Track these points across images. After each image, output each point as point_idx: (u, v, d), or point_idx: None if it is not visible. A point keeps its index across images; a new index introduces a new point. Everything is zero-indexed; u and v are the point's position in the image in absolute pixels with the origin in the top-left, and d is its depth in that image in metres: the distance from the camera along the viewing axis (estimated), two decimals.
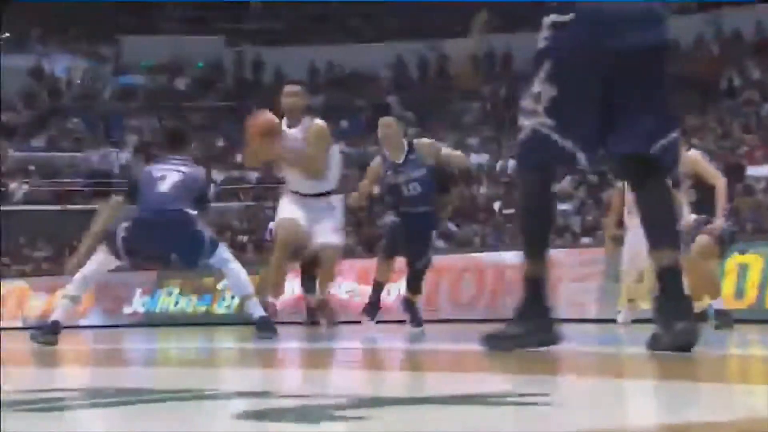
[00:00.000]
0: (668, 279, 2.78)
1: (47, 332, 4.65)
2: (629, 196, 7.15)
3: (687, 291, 2.95)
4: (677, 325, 2.65)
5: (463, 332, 6.61)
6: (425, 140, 6.30)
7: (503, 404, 1.48)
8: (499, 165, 15.24)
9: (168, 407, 1.56)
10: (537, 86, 2.73)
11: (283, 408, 1.50)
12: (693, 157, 5.68)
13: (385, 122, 6.05)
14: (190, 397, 1.74)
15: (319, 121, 5.50)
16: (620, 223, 7.09)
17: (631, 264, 7.11)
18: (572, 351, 3.17)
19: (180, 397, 1.73)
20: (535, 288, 2.87)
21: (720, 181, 5.68)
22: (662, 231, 2.86)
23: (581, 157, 2.80)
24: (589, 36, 2.68)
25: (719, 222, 5.58)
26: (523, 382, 2.10)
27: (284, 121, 5.38)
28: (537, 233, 2.94)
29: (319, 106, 18.63)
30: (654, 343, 2.70)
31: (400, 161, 5.89)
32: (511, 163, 13.57)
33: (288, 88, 5.58)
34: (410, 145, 5.96)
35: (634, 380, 2.18)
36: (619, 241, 7.26)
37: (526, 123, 2.79)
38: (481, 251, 10.49)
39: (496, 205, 13.67)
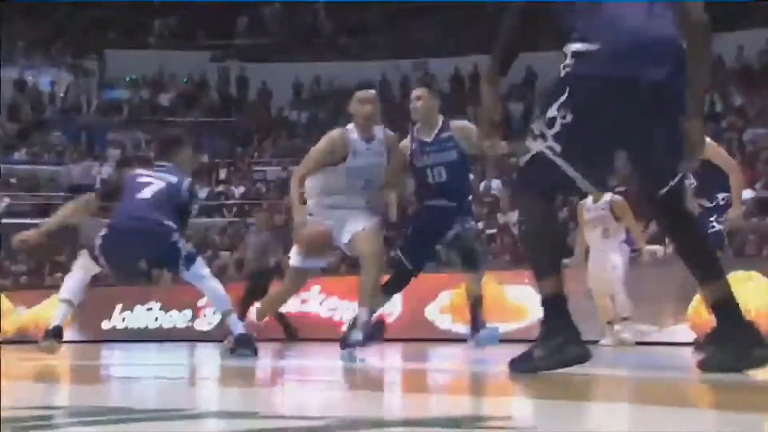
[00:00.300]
0: (726, 310, 2.76)
1: (49, 337, 4.65)
2: (586, 215, 7.21)
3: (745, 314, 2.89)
4: (754, 351, 2.67)
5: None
6: (465, 122, 5.18)
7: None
8: (482, 185, 15.23)
9: (147, 427, 1.54)
10: (552, 112, 2.70)
11: (263, 429, 1.49)
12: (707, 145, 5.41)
13: (416, 93, 5.03)
14: (170, 417, 1.71)
15: (392, 133, 4.98)
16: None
17: (597, 283, 7.09)
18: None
19: (159, 417, 1.71)
20: (557, 306, 2.78)
21: (736, 170, 5.45)
22: (701, 265, 2.82)
23: (583, 185, 2.80)
24: (614, 69, 2.65)
25: (737, 212, 5.36)
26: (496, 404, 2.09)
27: (355, 132, 4.79)
28: (548, 253, 2.87)
29: (304, 122, 18.77)
30: (724, 366, 2.70)
31: (430, 139, 4.91)
32: (495, 183, 13.59)
33: (362, 94, 4.88)
34: (445, 123, 4.96)
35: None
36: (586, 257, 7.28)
37: (532, 146, 2.78)
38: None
39: (480, 224, 13.65)
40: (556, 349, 2.71)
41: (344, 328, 5.31)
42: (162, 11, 20.33)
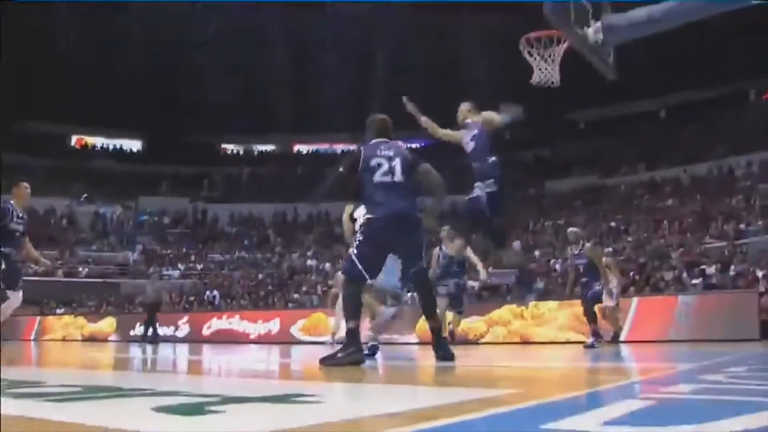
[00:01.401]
0: (436, 331, 5.71)
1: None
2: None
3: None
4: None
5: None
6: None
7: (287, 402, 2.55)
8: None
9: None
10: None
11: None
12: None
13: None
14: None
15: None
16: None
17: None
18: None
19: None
20: (355, 334, 5.31)
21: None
22: (426, 307, 5.84)
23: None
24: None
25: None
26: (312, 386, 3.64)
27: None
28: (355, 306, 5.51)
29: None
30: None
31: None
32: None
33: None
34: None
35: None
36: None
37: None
38: None
39: None
40: (348, 354, 5.18)
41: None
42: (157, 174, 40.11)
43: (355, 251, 5.57)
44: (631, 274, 18.76)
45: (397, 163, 5.64)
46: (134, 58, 37.39)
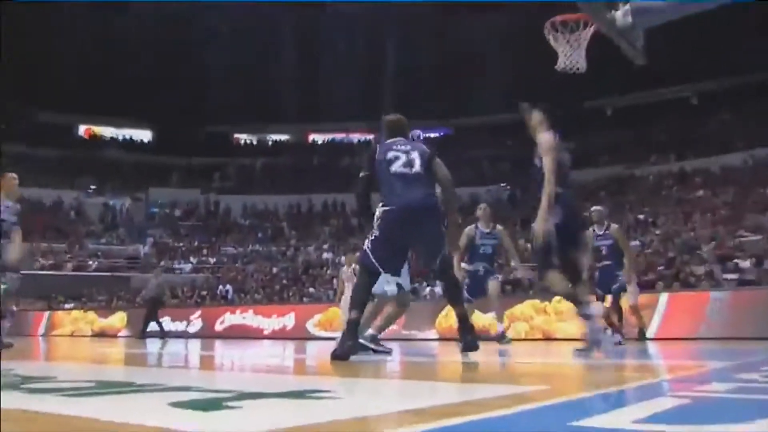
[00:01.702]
0: (464, 321, 5.85)
1: None
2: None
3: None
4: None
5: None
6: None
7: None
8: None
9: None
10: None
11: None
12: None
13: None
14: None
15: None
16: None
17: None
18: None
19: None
20: (353, 325, 5.46)
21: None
22: (453, 298, 6.08)
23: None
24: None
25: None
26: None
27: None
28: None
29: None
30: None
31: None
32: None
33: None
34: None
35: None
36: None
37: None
38: None
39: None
40: (344, 346, 5.38)
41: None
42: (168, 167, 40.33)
43: (370, 244, 5.67)
44: (660, 268, 18.66)
45: (415, 156, 5.77)
46: (144, 46, 37.65)
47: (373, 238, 5.67)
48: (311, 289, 25.76)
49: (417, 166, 5.72)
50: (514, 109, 7.01)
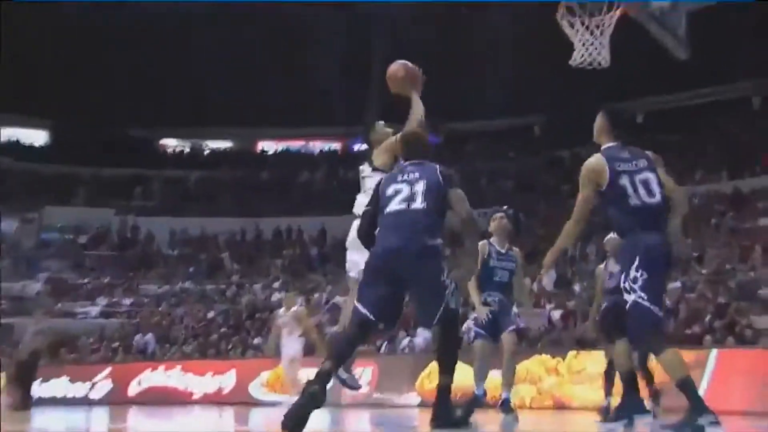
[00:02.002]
0: (445, 392, 6.25)
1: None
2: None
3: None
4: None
5: None
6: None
7: None
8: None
9: None
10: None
11: None
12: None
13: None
14: None
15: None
16: None
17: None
18: None
19: None
20: (324, 377, 5.76)
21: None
22: (444, 363, 6.33)
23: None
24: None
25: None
26: None
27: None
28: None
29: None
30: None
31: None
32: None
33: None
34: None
35: None
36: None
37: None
38: None
39: None
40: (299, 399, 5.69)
41: None
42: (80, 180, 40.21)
43: (357, 293, 6.18)
44: (708, 318, 18.66)
45: (419, 189, 6.16)
46: (41, 31, 37.25)
47: (359, 286, 6.20)
48: (257, 340, 25.67)
49: (418, 202, 6.10)
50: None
